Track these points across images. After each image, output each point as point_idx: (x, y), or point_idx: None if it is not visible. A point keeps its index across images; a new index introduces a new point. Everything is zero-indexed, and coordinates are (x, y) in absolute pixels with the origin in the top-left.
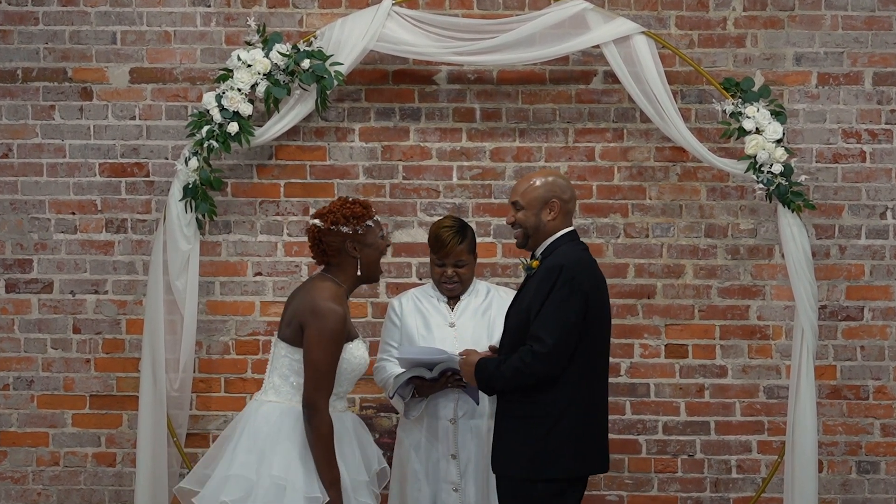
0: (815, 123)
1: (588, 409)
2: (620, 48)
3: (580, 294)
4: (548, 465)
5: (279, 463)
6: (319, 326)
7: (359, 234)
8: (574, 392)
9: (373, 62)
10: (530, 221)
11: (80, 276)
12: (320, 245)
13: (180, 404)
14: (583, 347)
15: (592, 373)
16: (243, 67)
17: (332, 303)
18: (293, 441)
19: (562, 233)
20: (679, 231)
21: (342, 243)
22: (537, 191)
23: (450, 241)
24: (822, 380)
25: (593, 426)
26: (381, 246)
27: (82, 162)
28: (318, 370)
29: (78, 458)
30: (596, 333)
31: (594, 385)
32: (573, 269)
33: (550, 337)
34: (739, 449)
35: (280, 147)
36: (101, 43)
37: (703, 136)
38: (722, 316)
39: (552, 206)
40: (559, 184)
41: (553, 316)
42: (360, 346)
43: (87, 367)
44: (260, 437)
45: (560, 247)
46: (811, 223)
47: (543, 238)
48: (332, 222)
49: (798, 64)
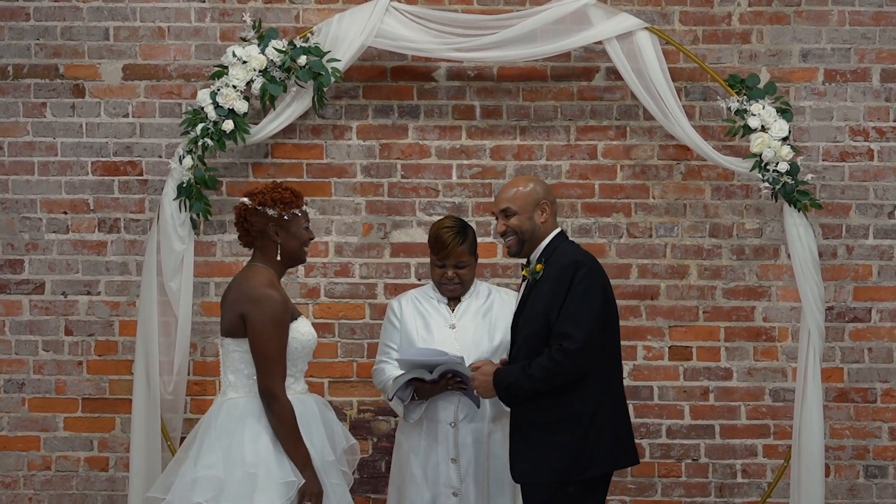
0: (821, 121)
1: (617, 402)
2: (623, 44)
3: (599, 287)
4: (587, 465)
5: (248, 453)
6: (261, 314)
7: (283, 220)
8: (604, 387)
9: (371, 58)
10: (525, 226)
11: (72, 277)
12: (245, 223)
13: (174, 407)
14: (605, 341)
15: (615, 366)
16: (239, 64)
17: (268, 288)
18: (259, 431)
19: (554, 234)
20: (683, 231)
21: (265, 225)
22: (528, 195)
23: (450, 241)
24: (829, 382)
25: (624, 418)
26: (304, 237)
27: (74, 160)
28: (267, 357)
29: (70, 463)
30: (614, 327)
31: (618, 378)
32: (588, 263)
33: (580, 332)
34: (745, 453)
35: (276, 145)
36: (94, 39)
37: (707, 134)
38: (727, 317)
39: (543, 207)
40: (545, 186)
41: (578, 310)
42: (305, 324)
43: (79, 369)
44: (224, 434)
45: (559, 246)
46: (818, 223)
47: (538, 241)
48: (259, 202)
49: (804, 60)
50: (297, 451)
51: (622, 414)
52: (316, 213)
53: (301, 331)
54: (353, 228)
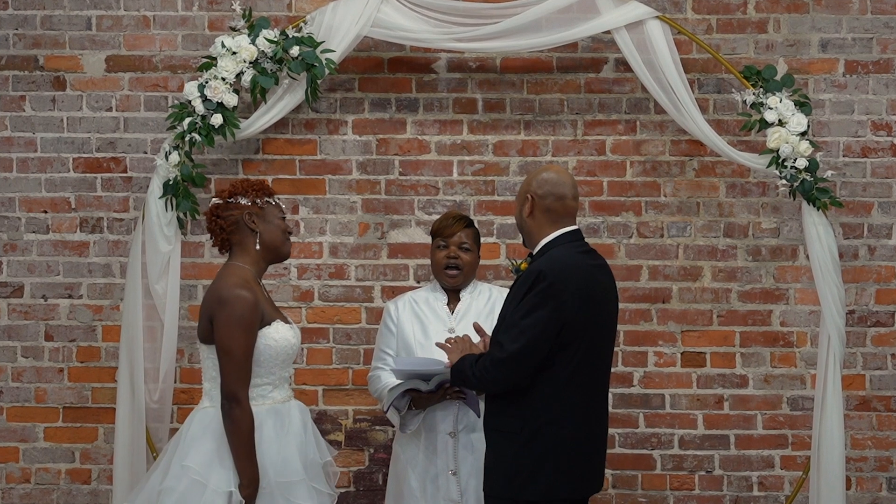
0: (842, 115)
1: (574, 424)
2: (633, 34)
3: (555, 302)
4: (524, 485)
5: (194, 458)
6: (226, 314)
7: (258, 207)
8: (556, 406)
9: (367, 49)
10: (517, 219)
11: (52, 280)
12: (218, 221)
13: (160, 417)
14: (562, 359)
15: (581, 385)
16: (228, 55)
17: (237, 289)
18: (217, 439)
19: (559, 233)
20: (696, 230)
21: (240, 216)
22: (521, 186)
23: (455, 223)
24: (850, 390)
25: (581, 443)
26: (283, 226)
27: (55, 156)
28: (230, 359)
29: (50, 475)
30: (585, 343)
31: (583, 398)
32: (552, 275)
33: (511, 343)
34: (761, 465)
35: (267, 141)
36: (75, 29)
37: (721, 129)
38: (742, 322)
39: (525, 199)
40: (539, 178)
41: (519, 322)
42: (281, 328)
43: (60, 376)
44: (191, 444)
45: (552, 248)
46: (838, 222)
47: (533, 238)
48: (229, 194)
49: (824, 51)
50: (245, 465)
51: (580, 437)
52: (309, 212)
53: (274, 337)
54: (348, 228)
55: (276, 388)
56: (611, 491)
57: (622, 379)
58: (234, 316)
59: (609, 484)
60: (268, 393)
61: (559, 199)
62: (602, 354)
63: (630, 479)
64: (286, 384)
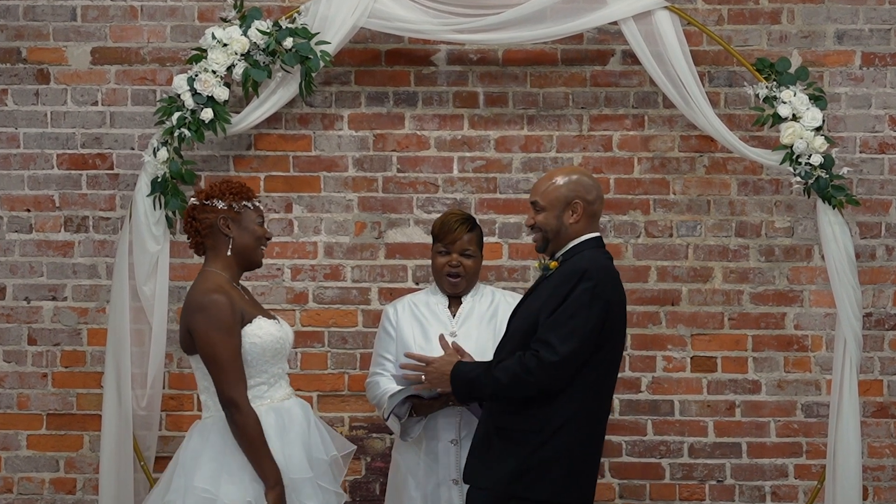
0: (858, 109)
1: (586, 430)
2: (641, 25)
3: (601, 302)
4: (529, 485)
5: (202, 476)
6: (203, 321)
7: (234, 212)
8: (574, 409)
9: (363, 41)
10: (551, 224)
11: (35, 281)
12: (193, 223)
13: (148, 424)
14: (594, 361)
15: (597, 391)
16: (218, 47)
17: (210, 294)
18: (220, 449)
19: (586, 237)
20: (707, 230)
21: (215, 219)
22: (559, 190)
23: (457, 227)
24: (867, 396)
25: (589, 449)
26: (259, 232)
27: (38, 153)
28: (218, 365)
29: (34, 485)
30: (610, 349)
31: (596, 404)
32: (597, 274)
33: (563, 345)
34: (774, 474)
35: (260, 136)
36: (59, 19)
37: (733, 124)
38: (755, 325)
39: (575, 207)
40: (584, 182)
41: (568, 323)
42: (264, 324)
43: (43, 382)
44: (191, 457)
45: (583, 251)
46: (854, 221)
47: (564, 243)
48: (206, 196)
49: (840, 42)
50: (262, 465)
51: (588, 444)
52: (303, 211)
53: (257, 334)
54: (344, 227)
55: (271, 386)
56: (618, 501)
57: (629, 384)
58: (211, 321)
59: (616, 494)
60: (264, 392)
61: (603, 202)
62: (619, 359)
63: (638, 489)
64: (283, 381)
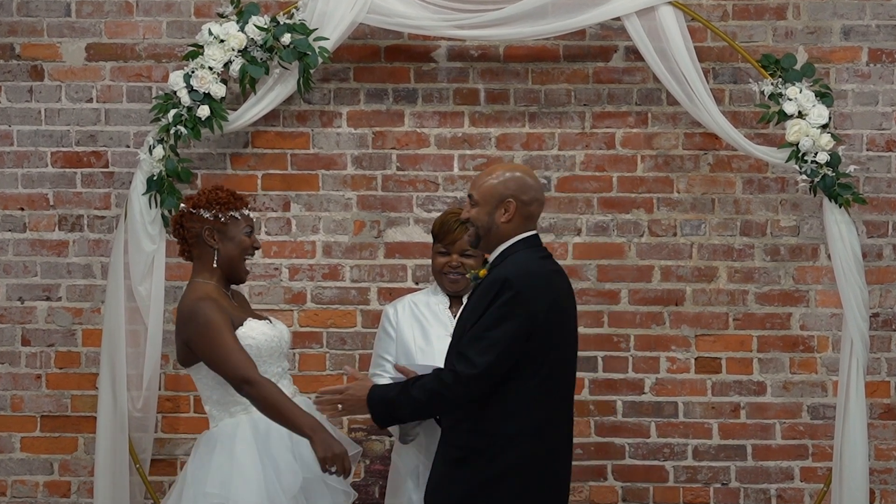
0: (865, 106)
1: (539, 443)
2: (644, 20)
3: (523, 312)
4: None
5: (212, 482)
6: (195, 326)
7: (219, 223)
8: (520, 424)
9: (363, 37)
10: (482, 220)
11: (29, 281)
12: (181, 231)
13: (144, 426)
14: (528, 373)
15: (542, 402)
16: (215, 43)
17: (197, 302)
18: (227, 456)
19: (518, 238)
20: (711, 229)
21: (201, 229)
22: (495, 187)
23: (457, 227)
24: (875, 398)
25: (547, 458)
26: (245, 244)
27: (32, 150)
28: (221, 355)
29: (27, 488)
30: (552, 354)
31: (549, 412)
32: (519, 283)
33: (480, 357)
34: (780, 477)
35: (257, 134)
36: (54, 15)
37: (738, 121)
38: (760, 325)
39: (507, 206)
40: (521, 182)
41: (486, 335)
42: (255, 325)
43: (37, 383)
44: (198, 467)
45: (515, 254)
46: (861, 220)
47: (497, 242)
48: (193, 205)
49: (846, 38)
50: (295, 422)
51: (545, 461)
52: (301, 210)
53: (250, 335)
54: (342, 226)
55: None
56: None
57: (633, 386)
58: (203, 323)
59: (619, 497)
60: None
61: (541, 205)
62: (568, 364)
63: (641, 492)
64: (285, 381)
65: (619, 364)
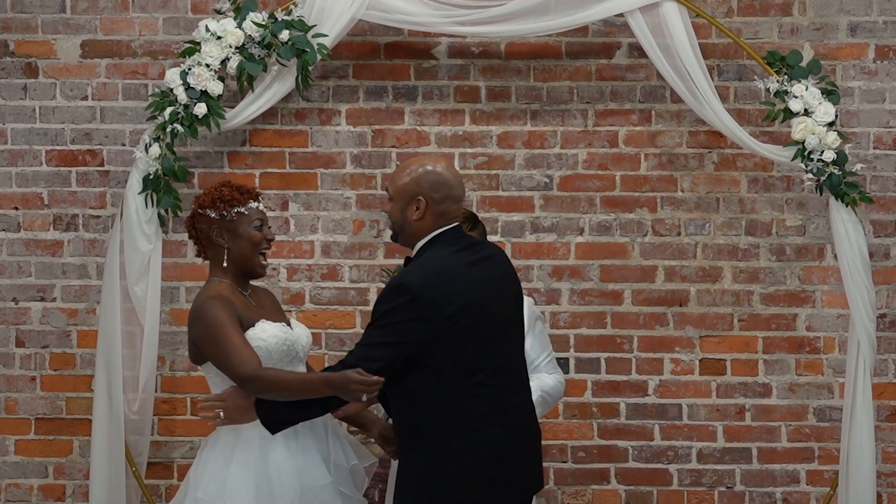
0: (872, 104)
1: (487, 432)
2: (648, 17)
3: (417, 316)
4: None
5: (204, 486)
6: (202, 324)
7: (226, 221)
8: (461, 418)
9: (362, 33)
10: (396, 217)
11: (23, 281)
12: (194, 232)
13: (140, 429)
14: (448, 370)
15: (487, 389)
16: (212, 40)
17: (206, 300)
18: (221, 462)
19: (436, 233)
20: (715, 228)
21: (209, 229)
22: (407, 184)
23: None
24: (882, 399)
25: (499, 450)
26: (256, 238)
27: (26, 149)
28: (227, 355)
29: (22, 492)
30: (475, 349)
31: (492, 403)
32: (417, 287)
33: (368, 364)
34: (786, 480)
35: (255, 132)
36: (48, 11)
37: (743, 119)
38: (765, 326)
39: (418, 203)
40: (434, 178)
41: (376, 342)
42: (268, 327)
43: (32, 385)
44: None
45: (425, 253)
46: (868, 219)
47: (413, 238)
48: (199, 205)
49: (853, 35)
50: (311, 390)
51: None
52: (300, 209)
53: (261, 337)
54: (341, 226)
55: None
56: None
57: (636, 388)
58: (208, 321)
59: (622, 500)
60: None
61: (456, 202)
62: (505, 352)
63: (645, 496)
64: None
65: (622, 365)
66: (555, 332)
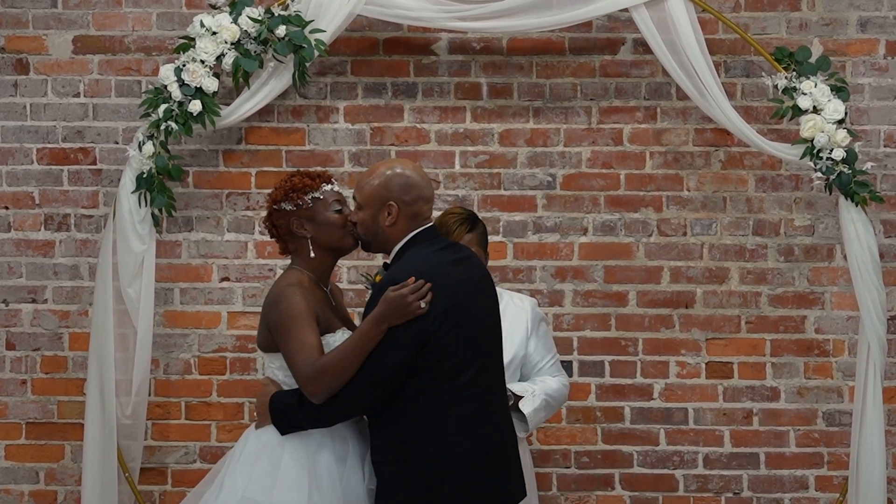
0: (883, 101)
1: (470, 438)
2: (653, 12)
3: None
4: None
5: (253, 486)
6: (280, 312)
7: (304, 210)
8: (445, 423)
9: (360, 29)
10: (367, 224)
11: (14, 283)
12: (274, 229)
13: (133, 433)
14: (439, 371)
15: (469, 392)
16: (207, 35)
17: (285, 288)
18: (271, 457)
19: (413, 234)
20: (722, 228)
21: (289, 222)
22: (375, 189)
23: (456, 228)
24: (892, 403)
25: (481, 455)
26: (337, 221)
27: (17, 147)
28: (296, 351)
29: (12, 498)
30: (461, 350)
31: (474, 407)
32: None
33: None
34: (794, 486)
35: (251, 129)
36: (39, 6)
37: (750, 117)
38: (773, 329)
39: (390, 209)
40: (401, 181)
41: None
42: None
43: (22, 389)
44: (243, 460)
45: (406, 253)
46: (878, 219)
47: (387, 244)
48: (273, 200)
49: (863, 30)
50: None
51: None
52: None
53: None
54: None
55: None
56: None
57: (641, 391)
58: (287, 311)
59: None
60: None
61: (427, 202)
62: (487, 354)
63: (650, 502)
64: None
65: (626, 369)
66: (558, 335)
